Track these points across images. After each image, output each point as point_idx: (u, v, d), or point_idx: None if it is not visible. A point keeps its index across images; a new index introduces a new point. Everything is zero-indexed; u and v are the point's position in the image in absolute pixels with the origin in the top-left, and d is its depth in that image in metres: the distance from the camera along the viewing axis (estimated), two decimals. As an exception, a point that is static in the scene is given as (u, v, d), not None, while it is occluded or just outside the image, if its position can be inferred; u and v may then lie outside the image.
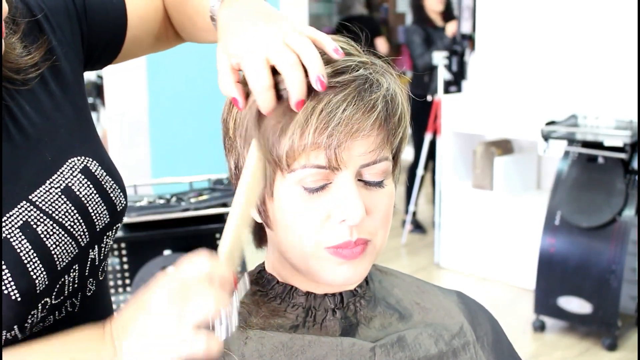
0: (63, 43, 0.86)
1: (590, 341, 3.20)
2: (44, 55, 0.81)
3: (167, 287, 0.63)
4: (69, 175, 0.80)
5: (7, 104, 0.77)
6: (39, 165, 0.78)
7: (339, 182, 0.71)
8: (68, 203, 0.79)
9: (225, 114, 0.77)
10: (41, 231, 0.76)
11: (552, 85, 3.79)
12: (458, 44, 4.27)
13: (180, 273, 0.64)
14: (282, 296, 0.78)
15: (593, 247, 3.11)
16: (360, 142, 0.70)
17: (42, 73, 0.81)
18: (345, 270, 0.73)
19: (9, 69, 0.77)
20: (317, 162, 0.70)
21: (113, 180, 0.86)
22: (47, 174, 0.78)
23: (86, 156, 0.83)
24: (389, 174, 0.75)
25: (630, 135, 3.08)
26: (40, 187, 0.77)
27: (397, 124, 0.74)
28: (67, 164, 0.81)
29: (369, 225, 0.73)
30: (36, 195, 0.77)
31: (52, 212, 0.77)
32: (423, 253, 4.40)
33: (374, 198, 0.73)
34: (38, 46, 0.81)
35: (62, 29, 0.86)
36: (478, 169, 3.93)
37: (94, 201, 0.82)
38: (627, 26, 3.46)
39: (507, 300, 3.64)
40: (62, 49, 0.85)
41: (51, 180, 0.78)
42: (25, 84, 0.79)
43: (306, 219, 0.71)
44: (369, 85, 0.71)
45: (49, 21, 0.84)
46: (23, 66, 0.78)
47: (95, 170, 0.83)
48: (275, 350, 0.73)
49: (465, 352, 0.81)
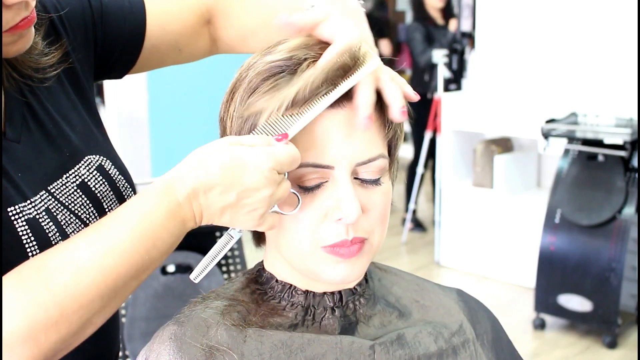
0: (77, 48, 0.87)
1: (590, 339, 3.20)
2: (61, 57, 0.83)
3: (261, 168, 0.65)
4: (85, 172, 0.82)
5: (28, 100, 0.79)
6: (57, 160, 0.80)
7: (335, 181, 0.71)
8: (84, 197, 0.81)
9: (222, 112, 0.77)
10: (60, 219, 0.78)
11: (552, 83, 3.79)
12: (458, 42, 4.27)
13: (261, 153, 0.66)
14: (281, 295, 0.78)
15: (593, 245, 3.11)
16: (355, 141, 0.71)
17: (59, 75, 0.83)
18: (343, 269, 0.73)
19: (30, 67, 0.79)
20: (313, 161, 0.70)
21: (125, 179, 0.88)
22: (64, 169, 0.80)
23: (101, 155, 0.85)
24: (385, 172, 0.75)
25: (630, 133, 3.08)
26: (57, 180, 0.79)
27: (392, 123, 0.74)
28: (84, 161, 0.82)
29: (366, 224, 0.73)
30: (54, 187, 0.78)
31: (68, 203, 0.79)
32: (423, 251, 4.40)
33: (370, 196, 0.73)
34: (57, 47, 0.83)
35: (75, 32, 0.87)
36: (478, 167, 3.93)
37: (108, 197, 0.84)
38: (627, 24, 3.46)
39: (507, 299, 3.64)
40: (75, 53, 0.86)
41: (68, 175, 0.80)
42: (43, 83, 0.81)
43: (303, 218, 0.72)
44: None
45: (64, 25, 0.85)
46: (42, 65, 0.80)
47: (109, 169, 0.85)
48: (274, 348, 0.73)
49: (465, 349, 0.81)
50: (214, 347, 0.72)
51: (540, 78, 3.85)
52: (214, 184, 0.65)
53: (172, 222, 0.67)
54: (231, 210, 0.67)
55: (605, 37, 3.58)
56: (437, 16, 4.64)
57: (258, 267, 0.82)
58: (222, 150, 0.66)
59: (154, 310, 2.09)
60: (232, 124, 0.74)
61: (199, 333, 0.73)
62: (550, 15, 3.80)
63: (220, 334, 0.73)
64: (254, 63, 0.74)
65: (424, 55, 4.44)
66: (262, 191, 0.66)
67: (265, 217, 0.68)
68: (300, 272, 0.76)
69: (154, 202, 0.66)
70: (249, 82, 0.73)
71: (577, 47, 3.69)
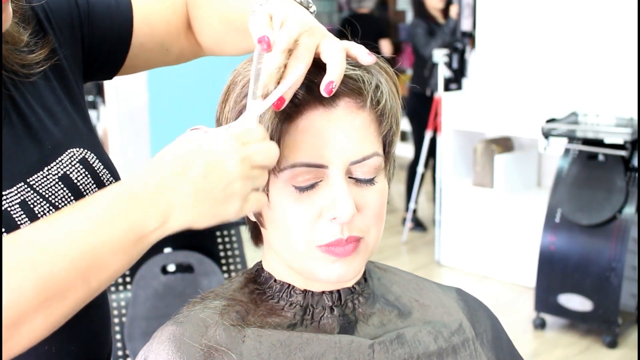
0: (63, 45, 0.87)
1: (590, 339, 3.20)
2: (48, 54, 0.83)
3: (218, 141, 0.63)
4: (68, 164, 0.81)
5: (11, 94, 0.79)
6: (38, 152, 0.79)
7: (329, 180, 0.71)
8: (65, 189, 0.80)
9: (219, 112, 0.78)
10: (38, 211, 0.77)
11: (553, 82, 3.79)
12: (459, 42, 4.27)
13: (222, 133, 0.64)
14: (279, 294, 0.78)
15: (593, 244, 3.11)
16: (348, 139, 0.71)
17: (45, 71, 0.83)
18: (339, 268, 0.73)
19: (16, 64, 0.79)
20: (307, 161, 0.70)
21: (110, 173, 0.87)
22: (45, 161, 0.80)
23: (85, 148, 0.84)
24: (380, 171, 0.75)
25: (630, 132, 3.08)
26: (38, 173, 0.78)
27: (386, 120, 0.74)
28: (67, 154, 0.82)
29: (361, 223, 0.73)
30: (34, 179, 0.78)
31: (48, 196, 0.78)
32: (423, 251, 4.40)
33: (365, 195, 0.73)
34: (42, 45, 0.83)
35: (62, 31, 0.87)
36: (478, 166, 3.93)
37: (91, 191, 0.83)
38: (628, 24, 3.46)
39: (507, 298, 3.64)
40: (62, 50, 0.87)
41: (49, 167, 0.80)
42: (28, 78, 0.81)
43: (297, 217, 0.72)
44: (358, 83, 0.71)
45: (50, 23, 0.86)
46: (29, 62, 0.81)
47: (93, 162, 0.85)
48: (273, 348, 0.73)
49: (464, 349, 0.81)
50: (212, 347, 0.72)
51: (540, 77, 3.85)
52: (169, 173, 0.62)
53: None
54: (203, 194, 0.62)
55: (605, 37, 3.58)
56: (437, 15, 4.65)
57: (257, 267, 0.82)
58: (176, 146, 0.65)
59: (154, 310, 2.09)
60: (229, 123, 0.75)
61: (197, 333, 0.73)
62: (551, 15, 3.80)
63: (218, 334, 0.73)
64: (247, 65, 0.75)
65: (427, 48, 4.46)
66: (227, 162, 0.62)
67: (248, 197, 0.65)
68: (297, 271, 0.76)
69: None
70: (242, 86, 0.74)
71: (577, 46, 3.69)
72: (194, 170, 0.62)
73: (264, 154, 0.65)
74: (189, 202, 0.62)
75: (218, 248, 2.33)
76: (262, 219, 0.75)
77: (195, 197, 0.62)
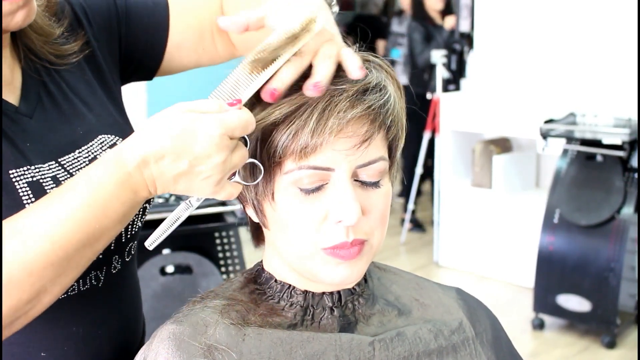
0: (100, 40, 0.90)
1: (589, 339, 3.20)
2: (82, 47, 0.87)
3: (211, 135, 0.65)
4: (98, 149, 0.83)
5: (44, 80, 0.82)
6: (69, 136, 0.81)
7: (335, 183, 0.71)
8: None
9: None
10: None
11: (551, 83, 3.80)
12: (457, 43, 4.28)
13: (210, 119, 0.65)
14: (280, 295, 0.78)
15: (592, 245, 3.11)
16: (355, 143, 0.71)
17: (80, 62, 0.86)
18: (343, 271, 0.73)
19: (50, 53, 0.83)
20: (313, 163, 0.70)
21: None
22: (76, 145, 0.82)
23: (117, 135, 0.86)
24: (385, 174, 0.75)
25: (629, 133, 3.08)
26: (70, 154, 0.80)
27: (392, 124, 0.74)
28: (97, 139, 0.84)
29: (365, 226, 0.73)
30: (65, 159, 0.80)
31: None
32: (422, 252, 4.40)
33: (370, 198, 0.73)
34: (77, 38, 0.87)
35: (99, 26, 0.90)
36: (477, 167, 3.93)
37: None
38: (627, 24, 3.46)
39: (506, 299, 3.64)
40: (98, 44, 0.90)
41: (80, 150, 0.82)
42: (61, 66, 0.84)
43: (302, 220, 0.72)
44: (365, 87, 0.71)
45: (89, 21, 0.89)
46: (62, 53, 0.85)
47: None
48: (273, 346, 0.73)
49: (464, 347, 0.81)
50: (212, 346, 0.72)
51: (538, 78, 3.85)
52: (164, 153, 0.65)
53: (122, 191, 0.67)
54: (185, 178, 0.66)
55: (604, 37, 3.58)
56: (436, 16, 4.66)
57: (257, 267, 0.82)
58: (174, 118, 0.66)
59: (152, 311, 2.08)
60: None
61: (197, 332, 0.73)
62: (549, 16, 3.80)
63: (218, 332, 0.73)
64: None
65: (422, 56, 4.46)
66: (214, 158, 0.65)
67: (223, 185, 0.68)
68: (300, 273, 0.76)
69: (104, 172, 0.66)
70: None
71: (575, 47, 3.69)
72: (184, 160, 0.65)
73: (239, 119, 0.66)
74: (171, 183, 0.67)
75: (216, 249, 2.33)
76: (266, 220, 0.75)
77: (176, 180, 0.66)
